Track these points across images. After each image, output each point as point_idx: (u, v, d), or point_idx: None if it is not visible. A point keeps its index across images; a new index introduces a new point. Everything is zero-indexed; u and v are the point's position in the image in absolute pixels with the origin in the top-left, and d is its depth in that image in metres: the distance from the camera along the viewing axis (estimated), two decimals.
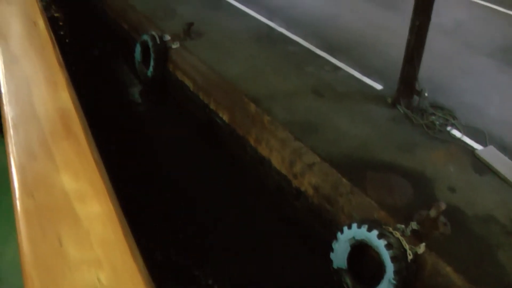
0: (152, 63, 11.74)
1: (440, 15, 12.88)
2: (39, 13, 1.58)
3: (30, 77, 1.32)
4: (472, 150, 8.64)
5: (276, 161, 8.82)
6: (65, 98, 1.21)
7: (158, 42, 11.77)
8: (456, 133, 9.05)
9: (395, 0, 9.87)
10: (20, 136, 1.14)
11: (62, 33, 16.26)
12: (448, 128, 9.12)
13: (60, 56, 1.33)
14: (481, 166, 8.32)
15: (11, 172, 1.03)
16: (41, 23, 1.55)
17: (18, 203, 0.97)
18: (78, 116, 1.17)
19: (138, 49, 12.30)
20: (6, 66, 1.37)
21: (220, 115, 10.22)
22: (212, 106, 10.47)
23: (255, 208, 9.03)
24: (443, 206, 6.85)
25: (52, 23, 15.01)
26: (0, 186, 2.73)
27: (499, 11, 13.76)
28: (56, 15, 17.43)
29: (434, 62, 10.84)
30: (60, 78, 1.29)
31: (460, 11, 13.61)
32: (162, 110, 12.29)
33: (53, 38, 1.41)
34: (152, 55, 11.71)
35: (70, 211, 0.94)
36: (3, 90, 1.26)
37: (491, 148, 8.69)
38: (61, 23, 16.95)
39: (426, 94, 9.35)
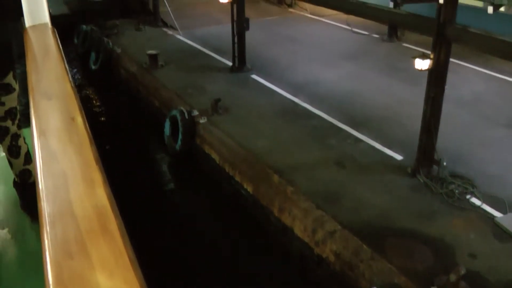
0: (180, 137, 12.32)
1: (459, 88, 13.34)
2: (78, 109, 1.67)
3: (67, 173, 1.33)
4: (492, 217, 8.76)
5: (298, 230, 9.07)
6: (101, 195, 1.22)
7: (187, 117, 12.41)
8: (475, 201, 9.20)
9: (416, 75, 10.27)
10: (56, 233, 1.15)
11: (96, 110, 17.17)
12: (468, 197, 9.28)
13: (97, 152, 1.39)
14: (502, 233, 8.42)
15: (46, 269, 1.05)
16: (79, 119, 1.58)
17: None
18: (113, 214, 1.17)
19: (167, 124, 12.94)
20: (44, 162, 1.38)
21: (245, 186, 10.59)
22: (237, 178, 10.87)
23: (279, 275, 9.19)
24: (462, 271, 6.96)
25: (87, 103, 15.86)
26: (30, 271, 2.85)
27: None
28: (91, 97, 18.44)
29: (454, 133, 11.14)
30: (97, 175, 1.30)
31: (478, 84, 13.99)
32: (189, 182, 12.73)
33: (90, 134, 1.49)
34: (181, 129, 12.31)
35: None
36: (40, 186, 1.28)
37: (511, 216, 8.79)
38: (95, 102, 17.90)
39: (444, 164, 9.59)
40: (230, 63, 16.06)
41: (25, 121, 3.20)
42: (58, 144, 1.43)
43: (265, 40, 18.51)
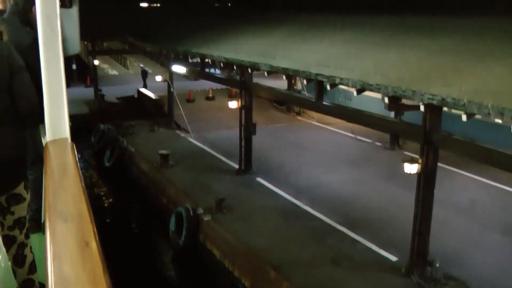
0: (184, 232, 12.77)
1: (456, 194, 13.79)
2: (93, 233, 1.63)
3: None
4: None
5: None
6: None
7: (191, 214, 12.92)
8: None
9: (415, 182, 10.80)
10: None
11: (105, 205, 17.73)
12: None
13: (109, 280, 1.32)
14: None
15: None
16: (94, 244, 1.53)
17: None
18: None
19: (172, 220, 13.44)
20: None
21: (243, 281, 10.87)
22: (236, 273, 11.17)
23: None
24: None
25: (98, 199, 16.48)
26: None
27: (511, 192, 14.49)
28: (102, 193, 19.10)
29: (450, 236, 11.46)
30: None
31: (475, 191, 14.41)
32: (190, 276, 12.97)
33: (104, 260, 1.43)
34: (185, 225, 12.79)
35: None
36: None
37: None
38: (105, 198, 18.51)
39: (437, 265, 9.83)
40: (237, 166, 16.74)
41: (34, 227, 3.46)
42: (71, 271, 1.41)
43: (272, 145, 19.33)
